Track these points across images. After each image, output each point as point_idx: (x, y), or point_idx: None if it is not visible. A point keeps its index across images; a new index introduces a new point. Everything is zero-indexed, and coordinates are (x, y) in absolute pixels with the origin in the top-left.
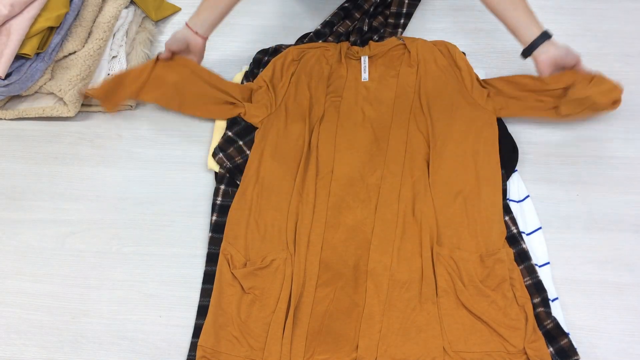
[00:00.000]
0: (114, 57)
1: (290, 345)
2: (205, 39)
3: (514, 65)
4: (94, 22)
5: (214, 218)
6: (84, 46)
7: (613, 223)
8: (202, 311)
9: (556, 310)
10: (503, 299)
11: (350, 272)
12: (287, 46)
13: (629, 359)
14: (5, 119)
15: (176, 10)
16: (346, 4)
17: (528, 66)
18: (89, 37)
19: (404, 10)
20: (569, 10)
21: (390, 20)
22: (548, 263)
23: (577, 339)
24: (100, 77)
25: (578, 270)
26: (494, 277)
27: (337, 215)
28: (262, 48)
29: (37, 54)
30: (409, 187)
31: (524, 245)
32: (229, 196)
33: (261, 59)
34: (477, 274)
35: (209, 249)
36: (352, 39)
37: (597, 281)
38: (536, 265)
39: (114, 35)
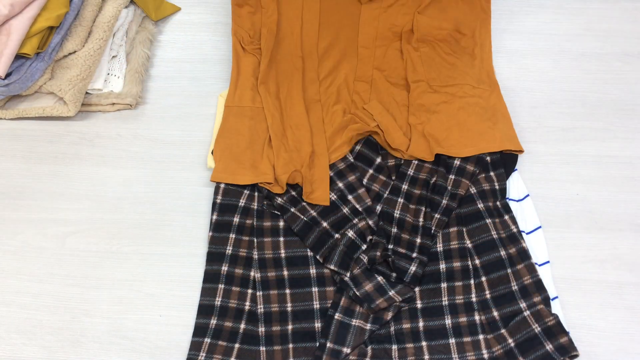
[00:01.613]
0: (114, 56)
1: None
2: None
3: (513, 65)
4: (94, 21)
5: (214, 217)
6: (84, 46)
7: (613, 223)
8: (203, 310)
9: (556, 309)
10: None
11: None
12: None
13: (629, 358)
14: (5, 119)
15: (176, 10)
16: None
17: (528, 67)
18: (89, 36)
19: None
20: (569, 10)
21: None
22: (548, 262)
23: (577, 338)
24: (100, 77)
25: (578, 269)
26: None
27: None
28: None
29: (37, 54)
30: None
31: (524, 244)
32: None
33: None
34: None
35: (209, 248)
36: None
37: (597, 280)
38: (536, 264)
39: (114, 35)
